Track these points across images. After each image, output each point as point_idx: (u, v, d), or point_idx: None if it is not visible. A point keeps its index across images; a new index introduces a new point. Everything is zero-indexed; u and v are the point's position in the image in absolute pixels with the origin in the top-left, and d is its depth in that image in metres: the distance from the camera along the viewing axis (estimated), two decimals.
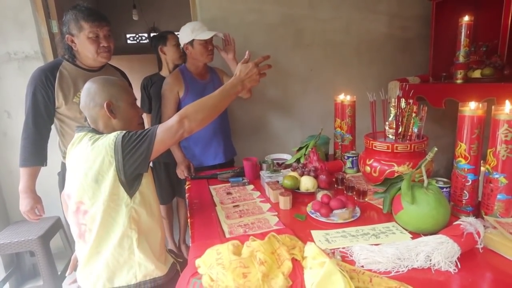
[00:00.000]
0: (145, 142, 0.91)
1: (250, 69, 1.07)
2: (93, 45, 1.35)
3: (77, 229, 0.97)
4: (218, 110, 1.01)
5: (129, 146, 0.90)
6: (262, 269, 0.71)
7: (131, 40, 5.12)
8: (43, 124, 1.38)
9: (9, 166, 2.03)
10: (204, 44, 1.70)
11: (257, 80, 1.08)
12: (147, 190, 0.98)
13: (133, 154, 0.90)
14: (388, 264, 0.79)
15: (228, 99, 1.03)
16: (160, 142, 0.92)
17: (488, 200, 0.97)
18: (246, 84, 1.07)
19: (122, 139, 0.90)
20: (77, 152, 0.95)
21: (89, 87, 1.00)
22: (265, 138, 2.49)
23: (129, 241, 0.93)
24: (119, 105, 1.00)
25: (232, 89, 1.04)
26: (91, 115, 1.00)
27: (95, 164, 0.90)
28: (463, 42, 1.92)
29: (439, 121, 2.72)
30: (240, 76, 1.06)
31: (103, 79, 1.03)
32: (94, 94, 0.98)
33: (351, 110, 1.61)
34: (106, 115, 0.98)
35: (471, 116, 0.96)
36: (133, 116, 1.06)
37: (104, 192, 0.90)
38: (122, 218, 0.92)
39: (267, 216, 1.14)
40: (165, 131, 0.92)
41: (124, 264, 0.94)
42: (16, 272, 2.03)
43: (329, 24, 2.43)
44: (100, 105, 0.97)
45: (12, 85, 1.97)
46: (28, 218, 1.38)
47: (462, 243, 0.82)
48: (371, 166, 1.27)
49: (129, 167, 0.90)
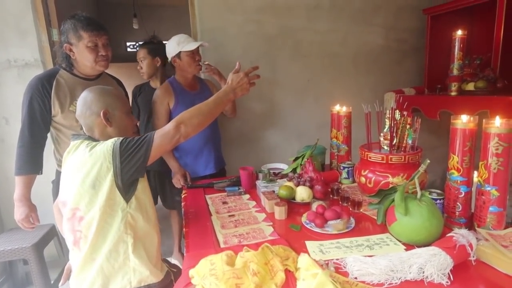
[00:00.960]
0: (143, 148, 0.93)
1: (241, 79, 1.13)
2: (91, 54, 1.37)
3: (72, 236, 0.97)
4: (212, 116, 1.07)
5: (127, 151, 0.92)
6: (255, 280, 0.71)
7: (131, 48, 5.17)
8: (39, 132, 1.38)
9: (5, 173, 2.03)
10: (191, 55, 1.73)
11: (247, 88, 1.15)
12: (143, 195, 0.99)
13: (131, 160, 0.92)
14: (381, 276, 0.80)
15: (221, 106, 1.11)
16: (158, 147, 0.95)
17: (480, 212, 0.98)
18: (237, 92, 1.13)
19: (120, 145, 0.92)
20: (74, 159, 0.96)
21: (86, 96, 1.02)
22: (261, 147, 2.50)
23: (125, 246, 0.94)
24: (114, 113, 1.03)
25: (225, 96, 1.11)
26: (87, 124, 1.02)
27: (93, 170, 0.91)
28: (457, 55, 1.96)
29: (435, 131, 2.75)
30: (232, 85, 1.13)
31: (100, 88, 1.05)
32: (90, 103, 1.00)
33: (347, 121, 1.63)
34: (102, 124, 1.01)
35: (463, 129, 0.98)
36: (128, 124, 1.09)
37: (101, 198, 0.91)
38: (118, 223, 0.93)
39: (262, 226, 1.14)
40: (162, 136, 0.95)
41: (119, 270, 0.94)
42: (9, 281, 2.00)
43: (326, 36, 2.48)
44: (96, 114, 1.00)
45: (11, 92, 1.98)
46: (23, 226, 1.37)
47: (454, 255, 0.82)
48: (366, 177, 1.28)
49: (126, 172, 0.92)
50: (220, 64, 2.29)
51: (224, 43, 2.29)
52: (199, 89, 1.87)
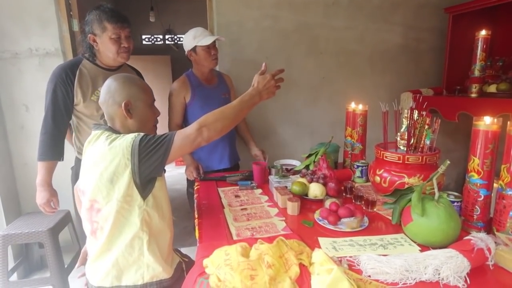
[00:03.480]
0: (162, 148, 0.91)
1: (268, 81, 1.07)
2: (114, 45, 1.39)
3: (89, 226, 0.98)
4: (237, 120, 1.02)
5: (146, 150, 0.90)
6: (270, 272, 0.71)
7: (146, 41, 5.23)
8: (62, 120, 1.41)
9: (24, 159, 2.09)
10: (207, 49, 1.72)
11: (274, 92, 1.09)
12: (160, 193, 0.98)
13: (149, 158, 0.90)
14: (396, 276, 0.79)
15: (246, 110, 1.05)
16: (177, 149, 0.92)
17: (500, 217, 0.95)
18: (263, 95, 1.07)
19: (140, 142, 0.90)
20: (94, 150, 0.96)
21: (110, 84, 1.00)
22: (274, 143, 2.50)
23: (140, 242, 0.94)
24: (137, 105, 1.01)
25: (251, 100, 1.05)
26: (108, 113, 1.01)
27: (111, 165, 0.90)
28: (479, 56, 1.90)
29: (451, 134, 2.69)
30: (258, 88, 1.07)
31: (124, 77, 1.03)
32: (114, 92, 0.99)
33: (362, 119, 1.61)
34: (123, 114, 0.99)
35: (485, 131, 0.95)
36: (150, 117, 1.07)
37: (118, 193, 0.90)
38: (135, 219, 0.93)
39: (275, 220, 1.14)
40: (183, 139, 0.92)
41: (133, 264, 0.95)
42: (25, 263, 2.08)
43: (343, 33, 2.45)
44: (118, 104, 0.98)
45: (32, 80, 2.03)
46: (44, 210, 1.42)
47: (472, 259, 0.81)
48: (381, 176, 1.26)
49: (144, 170, 0.91)
50: (235, 58, 2.30)
51: (240, 37, 2.29)
52: (216, 83, 1.87)
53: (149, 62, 4.62)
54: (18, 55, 2.00)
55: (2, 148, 2.03)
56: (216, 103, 1.83)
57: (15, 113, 2.04)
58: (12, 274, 1.88)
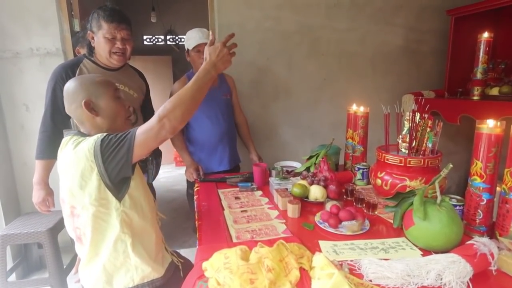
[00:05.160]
0: (124, 146, 0.86)
1: (220, 50, 0.98)
2: (107, 45, 1.38)
3: (73, 233, 0.97)
4: (197, 102, 0.93)
5: (108, 150, 0.86)
6: (270, 276, 0.70)
7: (147, 42, 5.23)
8: (61, 119, 1.41)
9: (24, 158, 2.08)
10: (197, 52, 1.70)
11: (229, 60, 1.01)
12: (137, 192, 0.94)
13: (113, 159, 0.86)
14: (397, 280, 0.78)
15: (204, 88, 0.95)
16: (141, 145, 0.86)
17: (503, 221, 0.94)
18: (219, 66, 0.99)
19: (101, 144, 0.86)
20: (64, 157, 0.94)
21: (67, 90, 0.97)
22: (275, 145, 2.49)
23: (123, 245, 0.92)
24: (98, 102, 0.96)
25: (207, 75, 0.96)
26: (76, 117, 0.98)
27: (78, 169, 0.87)
28: (482, 58, 1.90)
29: (453, 137, 2.68)
30: (212, 59, 0.98)
31: (78, 78, 1.00)
32: (72, 95, 0.95)
33: (364, 121, 1.60)
34: (89, 114, 0.95)
35: (488, 134, 0.94)
36: (118, 110, 1.00)
37: (90, 197, 0.88)
38: (114, 222, 0.90)
39: (275, 223, 1.13)
40: (145, 133, 0.86)
41: (121, 267, 0.94)
42: (23, 263, 2.07)
43: (345, 34, 2.44)
44: (81, 106, 0.94)
45: (32, 79, 2.02)
46: (39, 209, 1.42)
47: (475, 264, 0.79)
48: (383, 179, 1.25)
49: (111, 171, 0.87)
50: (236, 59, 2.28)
51: (242, 38, 2.28)
52: (217, 84, 1.85)
53: (150, 63, 4.62)
54: (19, 55, 1.99)
55: (2, 148, 2.02)
56: (217, 104, 1.84)
57: (15, 112, 2.04)
58: (10, 274, 1.87)
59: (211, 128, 1.80)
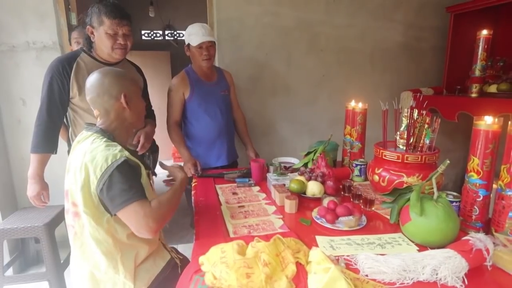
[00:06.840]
0: (118, 199, 0.86)
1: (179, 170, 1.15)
2: (109, 40, 1.37)
3: (69, 230, 0.98)
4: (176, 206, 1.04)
5: (109, 189, 0.87)
6: (266, 271, 0.71)
7: (145, 37, 5.18)
8: (57, 113, 1.40)
9: (21, 153, 2.07)
10: (199, 49, 1.69)
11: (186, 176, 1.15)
12: None
13: (107, 197, 0.87)
14: (393, 275, 0.78)
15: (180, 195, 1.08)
16: (127, 216, 0.87)
17: (499, 217, 0.95)
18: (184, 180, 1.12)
19: (109, 178, 0.86)
20: (78, 152, 0.94)
21: (102, 80, 0.98)
22: (273, 141, 2.49)
23: (114, 261, 0.93)
24: (132, 97, 1.02)
25: (182, 187, 1.11)
26: (104, 108, 0.99)
27: (83, 173, 0.89)
28: (480, 56, 1.89)
29: (450, 134, 2.69)
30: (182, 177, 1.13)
31: (115, 71, 1.02)
32: (108, 87, 0.98)
33: (362, 118, 1.60)
34: (121, 107, 0.99)
35: (486, 131, 0.94)
36: (142, 108, 1.09)
37: (85, 202, 0.89)
38: (103, 235, 0.91)
39: (272, 218, 1.13)
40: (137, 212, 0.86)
41: (108, 280, 0.94)
42: (20, 258, 2.06)
43: (344, 31, 2.43)
44: (115, 98, 0.98)
45: (29, 73, 2.01)
46: (34, 203, 1.41)
47: (470, 259, 0.80)
48: (380, 175, 1.25)
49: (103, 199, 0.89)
50: (235, 55, 2.28)
51: (241, 34, 2.27)
52: (216, 80, 1.85)
53: (148, 58, 4.58)
54: (15, 48, 1.97)
55: None
56: (215, 99, 1.83)
57: (12, 107, 2.03)
58: (7, 269, 1.87)
59: (209, 124, 1.80)
